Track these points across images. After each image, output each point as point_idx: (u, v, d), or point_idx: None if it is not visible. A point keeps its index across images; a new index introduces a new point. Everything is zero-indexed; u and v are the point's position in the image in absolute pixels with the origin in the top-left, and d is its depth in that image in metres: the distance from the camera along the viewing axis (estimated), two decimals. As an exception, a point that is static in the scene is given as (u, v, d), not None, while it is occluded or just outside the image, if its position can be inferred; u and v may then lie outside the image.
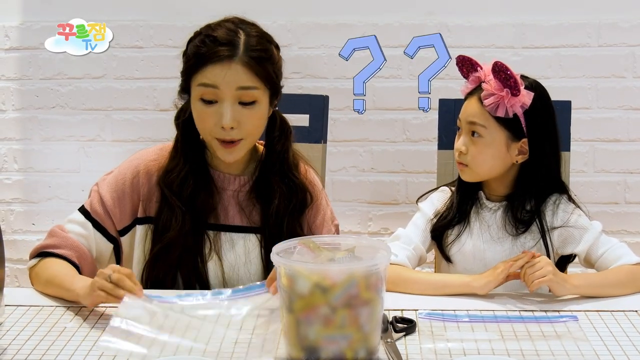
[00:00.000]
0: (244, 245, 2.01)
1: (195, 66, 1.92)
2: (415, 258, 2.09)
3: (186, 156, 2.00)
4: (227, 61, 1.90)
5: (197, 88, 1.92)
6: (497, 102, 2.00)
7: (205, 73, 1.91)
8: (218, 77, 1.90)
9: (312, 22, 3.13)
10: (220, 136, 1.93)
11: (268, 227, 2.00)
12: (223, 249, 2.00)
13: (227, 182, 2.03)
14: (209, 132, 1.93)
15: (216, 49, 1.90)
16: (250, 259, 2.01)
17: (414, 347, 1.64)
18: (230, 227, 2.02)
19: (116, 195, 2.00)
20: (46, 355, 1.61)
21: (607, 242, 2.03)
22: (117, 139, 3.21)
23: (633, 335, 1.70)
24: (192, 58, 1.93)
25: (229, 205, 2.02)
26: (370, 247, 1.62)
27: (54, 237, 1.99)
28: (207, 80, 1.91)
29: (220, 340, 1.67)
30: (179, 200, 1.96)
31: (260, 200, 2.02)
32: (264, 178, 2.02)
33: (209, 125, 1.93)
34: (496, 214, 2.09)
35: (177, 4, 3.11)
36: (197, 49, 1.93)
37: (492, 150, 2.03)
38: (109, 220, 2.00)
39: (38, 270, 1.96)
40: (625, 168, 3.13)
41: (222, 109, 1.91)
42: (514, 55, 3.06)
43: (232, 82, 1.90)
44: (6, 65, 3.20)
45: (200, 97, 1.92)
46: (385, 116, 3.15)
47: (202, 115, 1.93)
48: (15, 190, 3.26)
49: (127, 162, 2.05)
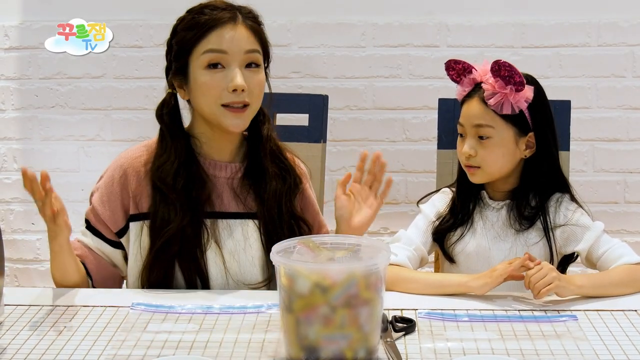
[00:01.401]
0: (242, 231, 2.01)
1: (198, 36, 1.92)
2: (416, 259, 2.09)
3: (175, 148, 1.99)
4: (232, 24, 1.92)
5: (203, 56, 1.92)
6: (502, 100, 2.00)
7: (210, 39, 1.92)
8: (226, 40, 1.92)
9: (312, 22, 3.13)
10: (230, 100, 1.93)
11: (265, 211, 2.01)
12: (221, 236, 2.00)
13: (219, 170, 2.02)
14: (217, 99, 1.93)
15: (220, 14, 1.92)
16: (250, 244, 2.01)
17: (414, 347, 1.64)
18: (227, 214, 2.02)
19: (107, 199, 2.00)
20: (46, 355, 1.61)
21: (609, 241, 2.03)
22: (117, 139, 3.21)
23: (633, 334, 1.70)
24: (193, 29, 1.93)
25: (223, 193, 2.02)
26: (370, 247, 1.62)
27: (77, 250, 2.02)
28: (214, 46, 1.92)
29: (219, 340, 1.67)
30: (174, 193, 1.96)
31: (254, 185, 2.03)
32: (255, 163, 2.03)
33: (217, 92, 1.92)
34: (500, 212, 2.09)
35: (177, 4, 3.10)
36: (195, 20, 1.94)
37: (502, 149, 2.03)
38: (104, 226, 2.01)
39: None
40: (624, 168, 3.14)
41: (232, 72, 1.92)
42: (514, 55, 3.06)
43: (240, 45, 1.93)
44: (6, 65, 3.20)
45: (207, 64, 1.92)
46: (385, 116, 3.16)
47: (209, 83, 1.93)
48: (15, 189, 3.26)
49: (113, 163, 2.05)
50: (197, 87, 1.95)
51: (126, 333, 1.71)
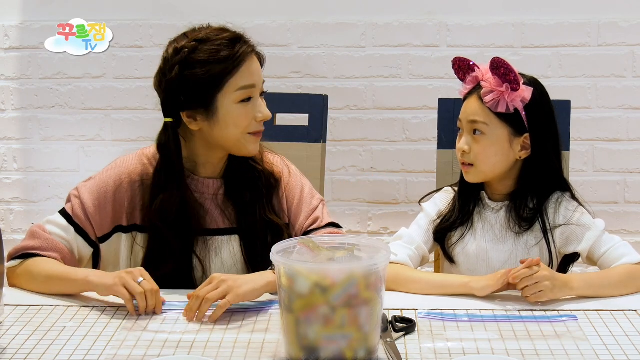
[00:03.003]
0: (228, 249, 2.02)
1: (225, 72, 1.90)
2: (417, 257, 2.09)
3: (178, 183, 1.96)
4: (251, 56, 1.94)
5: (238, 92, 1.92)
6: (497, 98, 2.00)
7: (242, 74, 1.92)
8: (255, 74, 1.95)
9: (312, 22, 3.13)
10: (257, 129, 1.97)
11: (244, 224, 2.01)
12: (211, 256, 2.01)
13: (205, 187, 2.02)
14: (246, 129, 1.95)
15: (243, 47, 1.93)
16: (236, 262, 2.02)
17: (414, 347, 1.64)
18: (215, 231, 2.02)
19: (98, 203, 1.98)
20: (46, 355, 1.61)
21: (610, 240, 2.03)
22: (117, 139, 3.21)
23: (632, 335, 1.70)
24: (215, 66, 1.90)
25: (211, 209, 2.02)
26: (370, 247, 1.62)
27: (36, 239, 1.98)
28: (247, 82, 1.93)
29: (219, 340, 1.67)
30: (166, 225, 1.95)
31: (234, 199, 2.03)
32: (233, 176, 2.04)
33: (246, 123, 1.95)
34: (499, 214, 2.09)
35: (177, 4, 3.11)
36: (215, 55, 1.90)
37: (495, 147, 2.03)
38: (90, 226, 1.99)
39: (29, 269, 1.95)
40: (624, 168, 3.14)
41: (259, 104, 1.96)
42: (514, 55, 3.06)
43: (261, 76, 1.97)
44: (6, 65, 3.20)
45: (241, 99, 1.93)
46: (384, 116, 3.16)
47: (240, 117, 1.94)
48: (15, 189, 3.26)
49: (109, 169, 2.03)
50: (228, 120, 1.93)
51: (126, 333, 1.71)
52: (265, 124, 2.00)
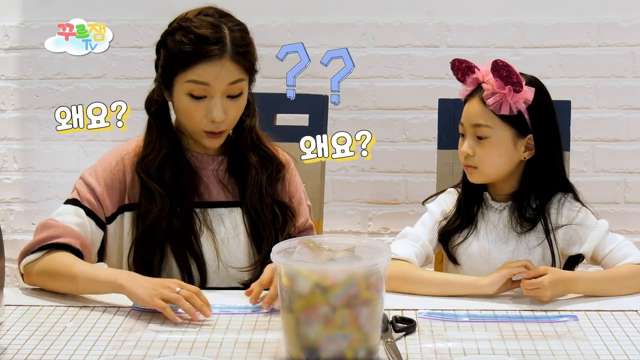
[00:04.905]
0: (231, 219, 2.05)
1: (183, 64, 1.94)
2: (422, 255, 2.08)
3: (160, 141, 2.04)
4: (218, 59, 1.93)
5: (186, 84, 1.95)
6: (500, 100, 2.00)
7: (195, 70, 1.94)
8: (210, 74, 1.93)
9: (312, 22, 3.13)
10: (209, 129, 1.98)
11: (248, 199, 2.05)
12: (213, 224, 2.04)
13: (205, 162, 2.07)
14: (198, 124, 1.97)
15: (207, 48, 1.93)
16: (238, 233, 2.05)
17: (414, 347, 1.64)
18: (216, 204, 2.06)
19: (103, 182, 2.02)
20: (46, 355, 1.61)
21: (614, 240, 2.04)
22: (117, 139, 3.20)
23: (633, 335, 1.70)
24: (178, 55, 1.95)
25: (210, 184, 2.06)
26: (370, 247, 1.62)
27: (51, 229, 1.97)
28: (197, 78, 1.94)
29: (220, 340, 1.67)
30: (159, 185, 2.00)
31: (238, 175, 2.07)
32: (237, 154, 2.07)
33: (197, 119, 1.97)
34: (502, 214, 2.08)
35: (177, 4, 3.10)
36: (181, 45, 1.95)
37: (500, 150, 2.03)
38: (100, 208, 2.01)
39: (46, 265, 1.93)
40: (625, 168, 3.13)
41: (213, 104, 1.95)
42: (514, 55, 3.06)
43: (224, 79, 1.94)
44: (6, 65, 3.20)
45: (188, 92, 1.95)
46: (385, 116, 3.15)
47: (190, 110, 1.97)
48: (15, 190, 3.26)
49: (109, 153, 2.09)
50: (179, 107, 1.99)
51: (127, 333, 1.71)
52: (265, 124, 2.01)
